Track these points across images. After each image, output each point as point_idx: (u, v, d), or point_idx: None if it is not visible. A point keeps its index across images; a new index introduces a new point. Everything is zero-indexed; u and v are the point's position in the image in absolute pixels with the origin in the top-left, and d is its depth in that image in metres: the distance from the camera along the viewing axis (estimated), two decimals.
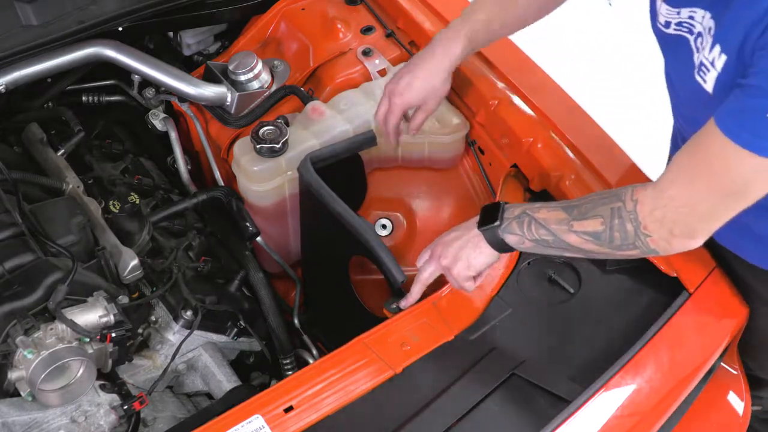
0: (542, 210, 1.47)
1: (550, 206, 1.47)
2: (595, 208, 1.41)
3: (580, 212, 1.43)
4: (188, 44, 2.22)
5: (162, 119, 2.09)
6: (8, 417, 1.48)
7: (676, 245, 1.36)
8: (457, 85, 1.99)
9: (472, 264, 1.54)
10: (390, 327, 1.55)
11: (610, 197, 1.40)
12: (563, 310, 1.63)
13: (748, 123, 1.21)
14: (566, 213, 1.44)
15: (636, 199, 1.36)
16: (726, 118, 1.25)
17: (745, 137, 1.21)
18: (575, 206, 1.44)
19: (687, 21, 1.39)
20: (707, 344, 1.63)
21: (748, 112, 1.21)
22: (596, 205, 1.41)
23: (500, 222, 1.49)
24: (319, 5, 2.17)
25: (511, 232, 1.49)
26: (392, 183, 2.06)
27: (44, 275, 1.56)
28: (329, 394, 1.43)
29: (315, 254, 1.92)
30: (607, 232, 1.39)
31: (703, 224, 1.34)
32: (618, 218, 1.37)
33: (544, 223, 1.45)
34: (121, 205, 1.88)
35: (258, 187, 1.88)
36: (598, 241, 1.41)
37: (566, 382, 1.50)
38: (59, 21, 1.85)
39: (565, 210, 1.45)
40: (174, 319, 1.74)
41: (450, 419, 1.43)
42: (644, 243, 1.37)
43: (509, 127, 1.87)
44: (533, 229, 1.47)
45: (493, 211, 1.52)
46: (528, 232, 1.47)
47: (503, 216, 1.50)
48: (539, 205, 1.49)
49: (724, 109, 1.26)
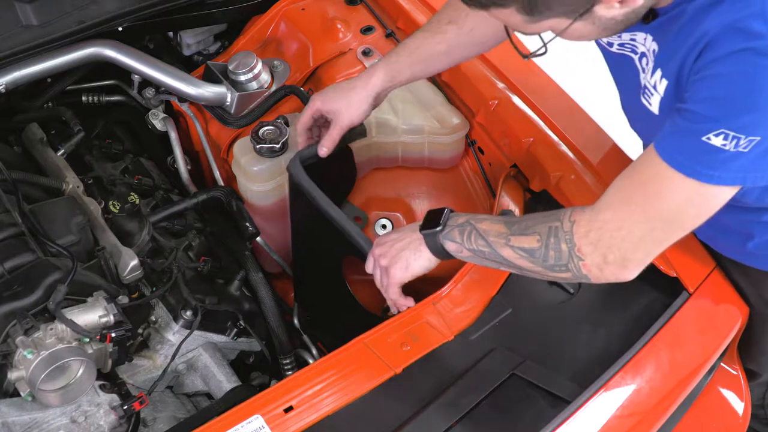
0: (485, 222, 1.48)
1: (495, 219, 1.48)
2: (534, 226, 1.41)
3: (519, 228, 1.43)
4: (188, 44, 2.22)
5: (162, 119, 2.09)
6: (8, 417, 1.48)
7: (607, 273, 1.36)
8: (457, 85, 1.99)
9: (410, 266, 1.54)
10: (390, 327, 1.55)
11: (550, 216, 1.41)
12: (563, 310, 1.63)
13: (683, 147, 1.25)
14: (507, 227, 1.44)
15: (573, 220, 1.37)
16: (663, 142, 1.28)
17: (679, 160, 1.25)
18: (517, 222, 1.45)
19: (629, 42, 1.44)
20: (707, 344, 1.63)
21: (682, 136, 1.25)
22: (536, 223, 1.42)
23: (442, 228, 1.50)
24: (319, 5, 2.17)
25: (452, 240, 1.50)
26: (392, 183, 2.06)
27: (44, 275, 1.55)
28: (329, 394, 1.43)
29: (309, 254, 1.91)
30: (542, 250, 1.39)
31: (637, 253, 1.34)
32: (554, 237, 1.38)
33: (483, 234, 1.46)
34: (121, 205, 1.88)
35: (258, 187, 1.88)
36: (532, 258, 1.41)
37: (566, 382, 1.50)
38: (59, 21, 1.85)
39: (507, 224, 1.45)
40: (174, 319, 1.74)
41: (450, 419, 1.43)
42: (577, 266, 1.37)
43: (509, 127, 1.87)
44: (472, 239, 1.47)
45: (437, 215, 1.52)
46: (467, 241, 1.48)
47: (446, 222, 1.50)
48: (484, 217, 1.49)
49: (662, 133, 1.29)
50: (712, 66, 1.23)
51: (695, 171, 1.25)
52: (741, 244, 1.62)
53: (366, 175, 2.04)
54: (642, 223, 1.32)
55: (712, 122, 1.22)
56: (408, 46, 1.74)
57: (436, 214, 1.53)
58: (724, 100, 1.22)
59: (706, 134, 1.22)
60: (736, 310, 1.69)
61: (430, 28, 1.74)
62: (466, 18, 1.69)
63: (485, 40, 1.73)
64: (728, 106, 1.21)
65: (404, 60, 1.73)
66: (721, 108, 1.22)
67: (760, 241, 1.59)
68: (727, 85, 1.21)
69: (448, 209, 1.53)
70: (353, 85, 1.74)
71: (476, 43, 1.74)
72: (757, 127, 1.20)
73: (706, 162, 1.24)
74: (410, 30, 2.08)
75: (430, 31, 1.73)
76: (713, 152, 1.22)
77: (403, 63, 1.73)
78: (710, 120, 1.22)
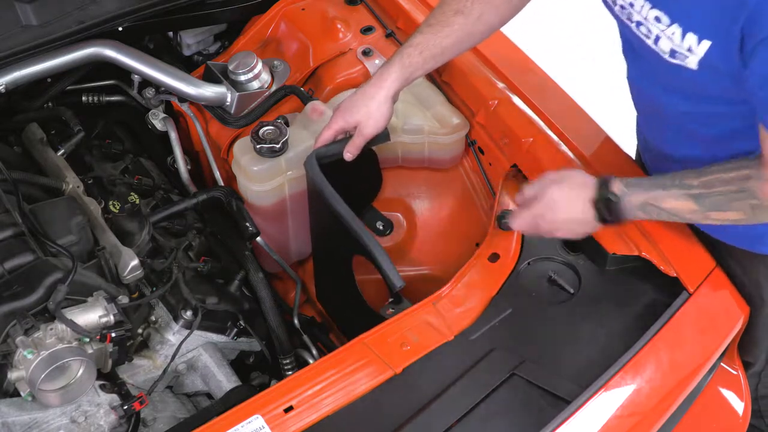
0: (666, 199, 1.49)
1: (671, 193, 1.49)
2: (729, 204, 1.46)
3: (711, 204, 1.47)
4: (188, 44, 2.22)
5: (162, 119, 2.09)
6: (8, 417, 1.48)
7: None
8: (457, 85, 1.99)
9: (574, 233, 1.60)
10: (390, 327, 1.55)
11: (740, 192, 1.44)
12: (563, 310, 1.63)
13: None
14: (696, 204, 1.47)
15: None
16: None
17: None
18: (701, 195, 1.47)
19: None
20: (707, 344, 1.63)
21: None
22: (729, 201, 1.45)
23: (622, 216, 1.52)
24: (319, 5, 2.17)
25: (638, 218, 1.55)
26: (392, 183, 2.06)
27: (44, 275, 1.56)
28: (329, 394, 1.43)
29: (322, 247, 1.93)
30: (751, 218, 1.46)
31: None
32: (759, 210, 1.44)
33: (675, 212, 1.50)
34: (121, 205, 1.88)
35: (258, 187, 1.88)
36: (743, 222, 1.48)
37: (566, 382, 1.49)
38: (59, 21, 1.85)
39: (694, 200, 1.47)
40: (174, 319, 1.74)
41: (450, 419, 1.43)
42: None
43: (509, 127, 1.87)
44: (663, 216, 1.52)
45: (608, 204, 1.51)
46: (659, 217, 1.52)
47: (622, 208, 1.51)
48: (657, 192, 1.50)
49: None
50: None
51: None
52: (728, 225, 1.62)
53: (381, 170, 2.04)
54: None
55: None
56: (418, 45, 1.74)
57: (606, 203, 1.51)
58: None
59: None
60: (737, 310, 1.69)
61: (437, 21, 1.73)
62: (472, 6, 1.69)
63: (492, 24, 1.75)
64: None
65: (416, 60, 1.73)
66: None
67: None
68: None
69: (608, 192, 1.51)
70: (370, 94, 1.73)
71: (484, 30, 1.76)
72: None
73: None
74: (410, 30, 2.08)
75: (436, 25, 1.73)
76: None
77: (415, 63, 1.73)
78: None
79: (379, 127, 1.74)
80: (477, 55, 2.00)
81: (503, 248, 1.71)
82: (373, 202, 2.05)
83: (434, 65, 1.79)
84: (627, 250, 1.68)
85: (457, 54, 1.83)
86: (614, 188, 1.51)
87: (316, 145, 1.79)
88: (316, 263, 2.02)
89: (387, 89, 1.72)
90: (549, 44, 3.12)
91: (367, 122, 1.73)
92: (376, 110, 1.72)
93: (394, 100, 1.76)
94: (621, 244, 1.68)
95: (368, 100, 1.73)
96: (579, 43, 3.84)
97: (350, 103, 1.75)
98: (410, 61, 1.73)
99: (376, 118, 1.73)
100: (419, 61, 1.73)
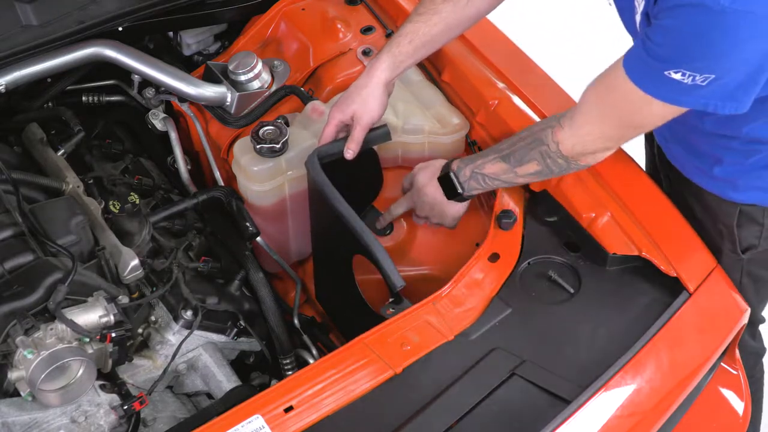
0: (485, 165, 1.71)
1: (488, 159, 1.71)
2: (527, 154, 1.65)
3: (516, 159, 1.67)
4: (188, 44, 2.22)
5: (162, 119, 2.08)
6: (8, 417, 1.48)
7: (599, 157, 1.63)
8: (457, 85, 1.99)
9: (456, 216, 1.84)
10: (390, 327, 1.55)
11: (534, 141, 1.64)
12: (563, 310, 1.63)
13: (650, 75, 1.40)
14: (506, 162, 1.68)
15: (557, 141, 1.60)
16: (634, 66, 1.44)
17: (648, 85, 1.41)
18: (508, 154, 1.68)
19: None
20: (707, 344, 1.63)
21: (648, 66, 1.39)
22: (526, 151, 1.65)
23: (462, 189, 1.74)
24: (319, 5, 2.17)
25: (474, 189, 1.75)
26: (393, 183, 2.06)
27: (44, 275, 1.56)
28: (329, 394, 1.43)
29: (323, 247, 1.93)
30: (546, 169, 1.65)
31: (617, 145, 1.64)
32: (548, 158, 1.63)
33: (494, 176, 1.71)
34: (121, 205, 1.88)
35: (258, 187, 1.88)
36: (541, 176, 1.68)
37: (566, 382, 1.50)
38: (59, 21, 1.85)
39: (503, 159, 1.68)
40: (174, 319, 1.74)
41: (450, 419, 1.43)
42: (578, 165, 1.64)
43: (509, 127, 1.87)
44: (488, 182, 1.72)
45: (449, 181, 1.75)
46: (485, 184, 1.73)
47: (460, 182, 1.73)
48: (480, 161, 1.71)
49: (632, 54, 1.45)
50: (664, 15, 1.34)
51: (664, 96, 1.42)
52: (709, 167, 1.71)
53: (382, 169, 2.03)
54: (618, 131, 1.58)
55: (669, 63, 1.36)
56: (407, 34, 1.78)
57: (448, 180, 1.75)
58: (678, 47, 1.35)
59: (667, 70, 1.36)
60: (737, 310, 1.69)
61: (426, 9, 1.77)
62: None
63: (481, 9, 1.79)
64: (681, 53, 1.35)
65: (405, 48, 1.77)
66: (675, 54, 1.36)
67: (726, 166, 1.68)
68: (680, 37, 1.34)
69: (449, 170, 1.74)
70: (361, 84, 1.77)
71: (473, 15, 1.80)
72: (709, 68, 1.33)
73: (670, 89, 1.39)
74: None
75: (426, 13, 1.77)
76: (675, 83, 1.37)
77: (405, 51, 1.78)
78: (668, 61, 1.36)
79: (374, 115, 1.77)
80: (477, 55, 2.00)
81: (503, 248, 1.71)
82: (374, 201, 2.06)
83: (425, 53, 1.83)
84: (627, 250, 1.68)
85: (447, 41, 1.86)
86: (453, 165, 1.74)
87: (319, 143, 1.79)
88: (316, 263, 2.02)
89: (377, 77, 1.76)
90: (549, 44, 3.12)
91: (363, 111, 1.75)
92: (369, 98, 1.76)
93: (387, 90, 1.79)
94: (621, 244, 1.68)
95: (360, 90, 1.76)
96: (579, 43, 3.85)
97: (344, 97, 1.79)
98: (399, 50, 1.77)
99: (372, 106, 1.76)
100: (409, 49, 1.77)
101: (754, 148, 1.63)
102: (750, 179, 1.68)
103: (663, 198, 1.79)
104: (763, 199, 1.71)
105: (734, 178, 1.69)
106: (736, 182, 1.70)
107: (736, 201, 1.72)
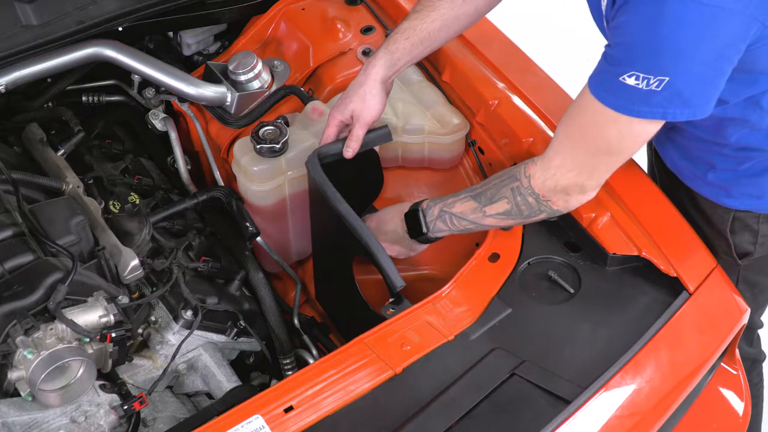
0: (455, 204, 1.65)
1: (459, 198, 1.65)
2: (498, 191, 1.60)
3: (486, 198, 1.62)
4: (188, 44, 2.22)
5: (162, 119, 2.08)
6: (8, 417, 1.48)
7: (573, 203, 1.57)
8: (457, 85, 1.99)
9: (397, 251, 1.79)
10: (390, 327, 1.55)
11: (507, 178, 1.60)
12: (563, 310, 1.63)
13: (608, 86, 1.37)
14: (476, 201, 1.63)
15: (528, 175, 1.56)
16: (594, 82, 1.41)
17: (607, 98, 1.38)
18: (481, 193, 1.63)
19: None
20: (707, 344, 1.63)
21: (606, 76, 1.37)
22: (498, 188, 1.61)
23: (427, 229, 1.68)
24: (319, 5, 2.17)
25: (440, 231, 1.68)
26: (392, 183, 2.06)
27: (44, 275, 1.56)
28: (329, 394, 1.43)
29: (323, 247, 1.93)
30: (515, 208, 1.59)
31: (591, 181, 1.54)
32: (519, 195, 1.58)
33: (462, 215, 1.64)
34: (121, 205, 1.88)
35: (258, 187, 1.88)
36: (510, 216, 1.61)
37: (566, 382, 1.50)
38: (59, 21, 1.85)
39: (474, 198, 1.63)
40: (174, 319, 1.74)
41: (450, 419, 1.43)
42: (548, 207, 1.58)
43: (509, 127, 1.87)
44: (455, 222, 1.66)
45: (415, 218, 1.69)
46: (452, 225, 1.66)
47: (426, 221, 1.67)
48: (450, 200, 1.66)
49: (594, 72, 1.41)
50: (619, 13, 1.34)
51: (622, 107, 1.37)
52: (703, 173, 1.71)
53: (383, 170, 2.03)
54: (589, 159, 1.51)
55: (623, 65, 1.33)
56: (404, 31, 1.77)
57: (414, 217, 1.69)
58: (630, 45, 1.33)
59: (621, 75, 1.33)
60: (737, 310, 1.69)
61: (423, 7, 1.77)
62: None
63: (480, 7, 1.78)
64: (633, 50, 1.33)
65: (402, 45, 1.77)
66: (627, 52, 1.33)
67: (719, 172, 1.68)
68: (631, 32, 1.32)
69: (419, 208, 1.69)
70: (358, 82, 1.77)
71: (471, 12, 1.78)
72: (662, 68, 1.30)
73: (627, 98, 1.35)
74: None
75: (423, 10, 1.77)
76: (631, 90, 1.34)
77: (401, 48, 1.77)
78: (621, 63, 1.34)
79: (374, 112, 1.76)
80: (477, 55, 2.00)
81: (503, 248, 1.71)
82: (374, 202, 2.06)
83: (423, 51, 1.81)
84: (627, 250, 1.68)
85: (446, 39, 1.84)
86: (423, 204, 1.69)
87: (320, 144, 1.79)
88: (316, 263, 2.02)
89: (374, 75, 1.76)
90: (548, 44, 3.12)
91: (361, 109, 1.75)
92: (368, 95, 1.75)
93: (386, 87, 1.78)
94: (621, 244, 1.68)
95: (358, 88, 1.76)
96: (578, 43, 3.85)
97: (343, 97, 1.79)
98: (396, 47, 1.77)
99: (370, 103, 1.75)
100: (406, 46, 1.77)
101: (745, 155, 1.62)
102: (743, 186, 1.68)
103: (663, 198, 1.79)
104: (757, 206, 1.70)
105: (728, 184, 1.69)
106: (730, 188, 1.70)
107: (730, 207, 1.72)
